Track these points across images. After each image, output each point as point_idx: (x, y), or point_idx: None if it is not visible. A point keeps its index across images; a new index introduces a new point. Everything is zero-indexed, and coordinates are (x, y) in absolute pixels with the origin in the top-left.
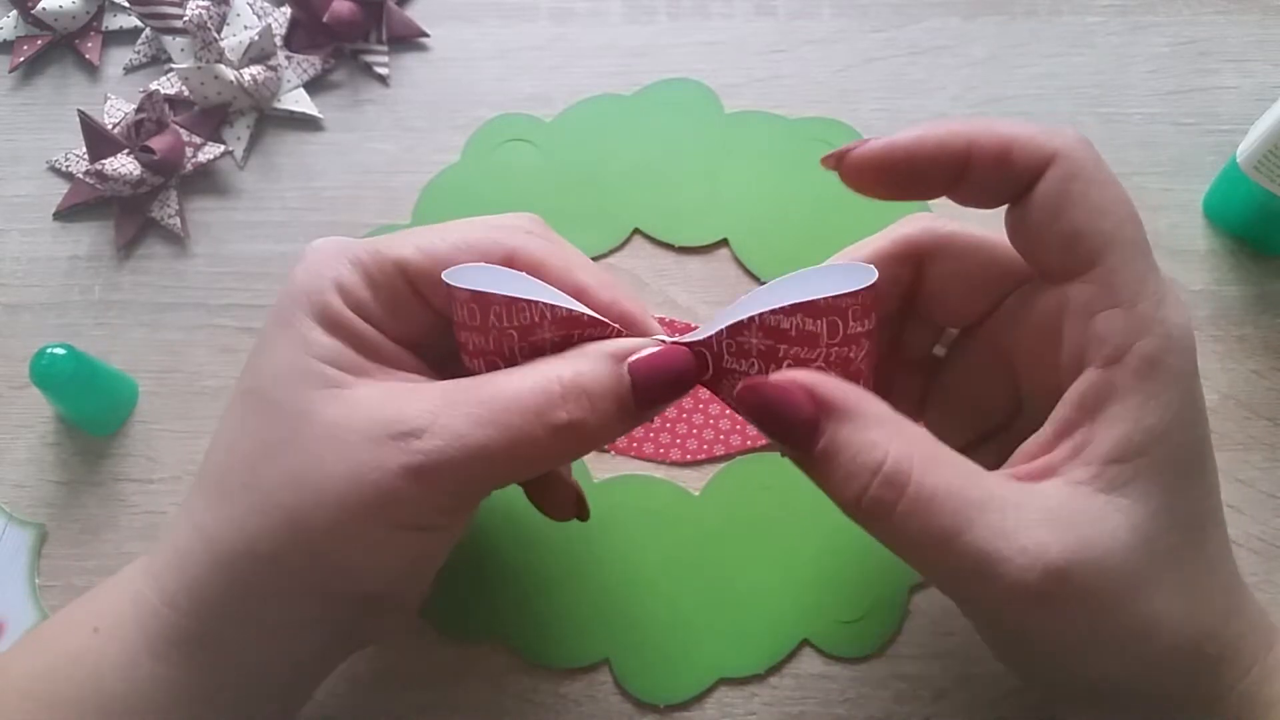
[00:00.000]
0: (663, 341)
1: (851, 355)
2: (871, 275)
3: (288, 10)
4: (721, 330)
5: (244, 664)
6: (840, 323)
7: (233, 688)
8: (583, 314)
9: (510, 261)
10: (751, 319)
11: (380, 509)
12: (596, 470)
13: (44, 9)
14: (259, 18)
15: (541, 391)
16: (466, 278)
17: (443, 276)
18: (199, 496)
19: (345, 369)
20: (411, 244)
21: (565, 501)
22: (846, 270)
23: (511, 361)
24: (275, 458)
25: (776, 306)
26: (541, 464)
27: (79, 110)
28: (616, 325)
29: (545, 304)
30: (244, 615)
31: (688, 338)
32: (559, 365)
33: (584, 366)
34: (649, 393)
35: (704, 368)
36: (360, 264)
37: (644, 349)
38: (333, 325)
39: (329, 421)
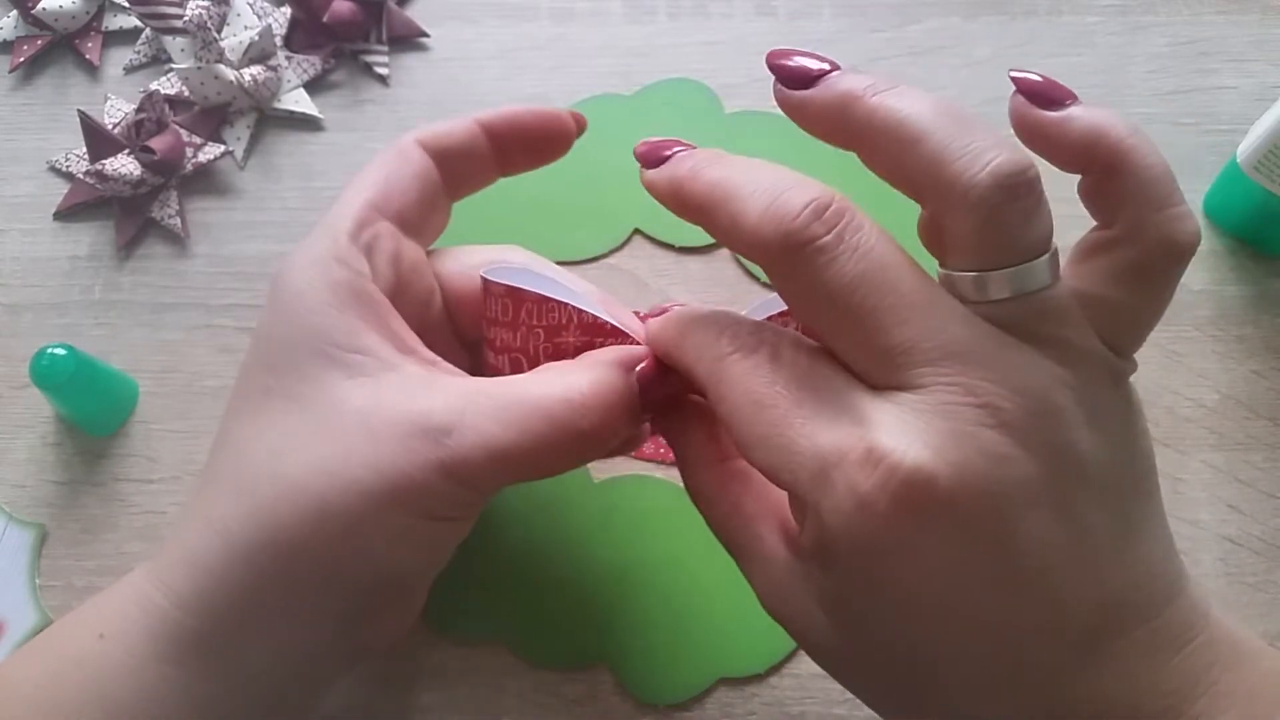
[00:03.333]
0: None
1: None
2: None
3: (288, 10)
4: None
5: (251, 667)
6: None
7: (239, 694)
8: (607, 322)
9: None
10: (770, 319)
11: (410, 500)
12: (596, 471)
13: (44, 9)
14: (259, 18)
15: (563, 400)
16: (503, 275)
17: (481, 273)
18: (214, 492)
19: (363, 350)
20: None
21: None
22: None
23: (534, 360)
24: (302, 448)
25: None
26: (560, 466)
27: (79, 110)
28: (636, 336)
29: (574, 307)
30: (256, 612)
31: None
32: (576, 374)
33: (601, 375)
34: (655, 400)
35: None
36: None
37: (648, 359)
38: (345, 289)
39: (356, 410)
